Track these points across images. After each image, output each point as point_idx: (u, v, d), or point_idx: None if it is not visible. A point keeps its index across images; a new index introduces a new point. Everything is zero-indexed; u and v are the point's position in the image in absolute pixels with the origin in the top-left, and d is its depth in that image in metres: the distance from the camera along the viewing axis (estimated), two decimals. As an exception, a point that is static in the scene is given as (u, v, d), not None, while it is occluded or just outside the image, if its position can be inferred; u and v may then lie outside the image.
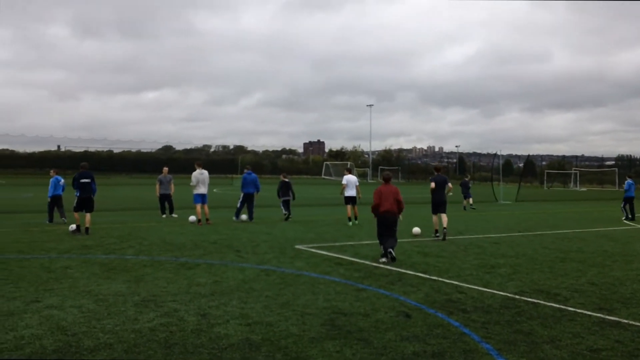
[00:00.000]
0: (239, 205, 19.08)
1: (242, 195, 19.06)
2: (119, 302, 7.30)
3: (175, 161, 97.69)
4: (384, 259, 10.87)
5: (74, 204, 15.16)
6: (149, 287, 8.27)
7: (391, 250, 10.84)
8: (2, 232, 14.88)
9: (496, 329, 6.35)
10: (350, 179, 18.76)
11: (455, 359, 5.34)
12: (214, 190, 40.04)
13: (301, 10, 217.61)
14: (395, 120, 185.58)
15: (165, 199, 20.25)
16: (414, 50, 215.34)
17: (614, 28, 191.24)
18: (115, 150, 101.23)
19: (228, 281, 8.74)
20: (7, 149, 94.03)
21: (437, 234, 14.71)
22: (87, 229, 14.97)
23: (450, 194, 15.56)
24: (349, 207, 18.35)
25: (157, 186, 20.41)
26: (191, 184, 17.85)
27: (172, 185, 20.48)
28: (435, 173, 15.22)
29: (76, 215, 15.17)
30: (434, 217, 14.96)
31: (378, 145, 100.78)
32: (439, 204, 14.86)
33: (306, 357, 5.28)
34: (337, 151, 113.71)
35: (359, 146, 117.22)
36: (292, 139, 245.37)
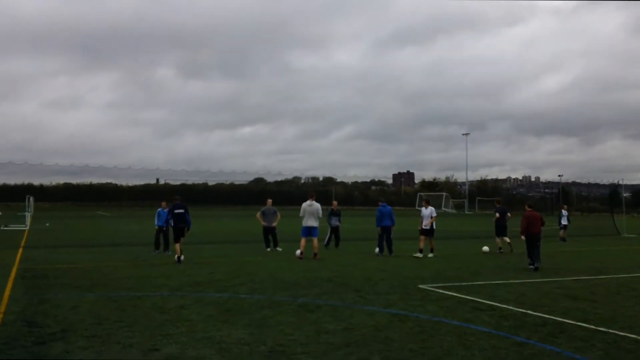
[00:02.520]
0: (378, 240, 18.19)
1: (379, 229, 18.19)
2: (244, 354, 6.44)
3: (268, 193, 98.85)
4: (531, 267, 14.60)
5: (173, 235, 16.15)
6: (274, 334, 7.37)
7: (537, 264, 14.58)
8: (112, 267, 14.66)
9: None
10: (426, 211, 18.29)
11: None
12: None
13: (393, 45, 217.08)
14: (487, 151, 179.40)
15: (269, 231, 19.62)
16: (507, 81, 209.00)
17: None
18: (210, 183, 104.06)
19: (359, 328, 7.70)
20: (111, 182, 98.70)
21: (500, 250, 19.37)
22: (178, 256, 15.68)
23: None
24: (422, 238, 17.85)
25: (258, 216, 19.83)
26: (300, 214, 17.16)
27: (278, 218, 19.81)
28: (497, 205, 21.12)
29: (177, 246, 15.82)
30: (497, 239, 19.70)
31: (470, 176, 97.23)
32: (501, 228, 19.71)
33: None
34: (429, 182, 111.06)
35: (452, 176, 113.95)
36: (382, 170, 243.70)
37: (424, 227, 17.92)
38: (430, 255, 17.56)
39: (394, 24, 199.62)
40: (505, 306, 9.36)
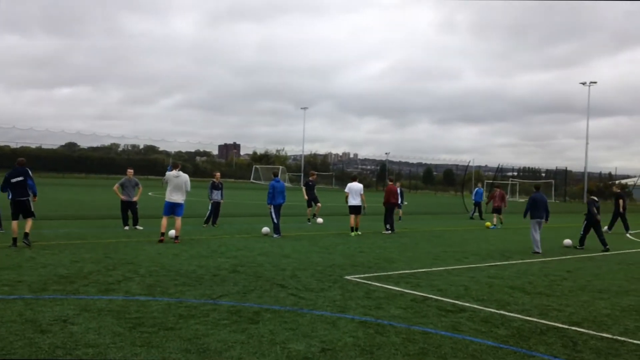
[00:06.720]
0: (275, 220, 16.08)
1: (272, 207, 16.18)
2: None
3: (86, 160, 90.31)
4: (389, 232, 17.96)
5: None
6: (233, 364, 5.24)
7: (391, 226, 18.29)
8: None
9: None
10: (353, 187, 17.79)
11: None
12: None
13: (228, 18, 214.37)
14: (312, 127, 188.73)
15: (128, 207, 16.67)
16: (336, 63, 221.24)
17: (514, 54, 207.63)
18: (13, 146, 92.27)
19: (341, 348, 5.82)
20: None
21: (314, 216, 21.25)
22: (26, 234, 11.92)
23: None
24: (352, 217, 17.59)
25: (116, 188, 16.72)
26: (163, 183, 14.57)
27: (140, 191, 16.90)
28: (312, 179, 22.73)
29: (14, 224, 11.97)
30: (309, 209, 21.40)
31: (297, 151, 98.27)
32: (310, 200, 21.52)
33: None
34: (261, 154, 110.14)
35: (283, 150, 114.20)
36: (208, 140, 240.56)
37: (353, 204, 17.49)
38: (357, 233, 17.29)
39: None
40: (467, 304, 8.08)
